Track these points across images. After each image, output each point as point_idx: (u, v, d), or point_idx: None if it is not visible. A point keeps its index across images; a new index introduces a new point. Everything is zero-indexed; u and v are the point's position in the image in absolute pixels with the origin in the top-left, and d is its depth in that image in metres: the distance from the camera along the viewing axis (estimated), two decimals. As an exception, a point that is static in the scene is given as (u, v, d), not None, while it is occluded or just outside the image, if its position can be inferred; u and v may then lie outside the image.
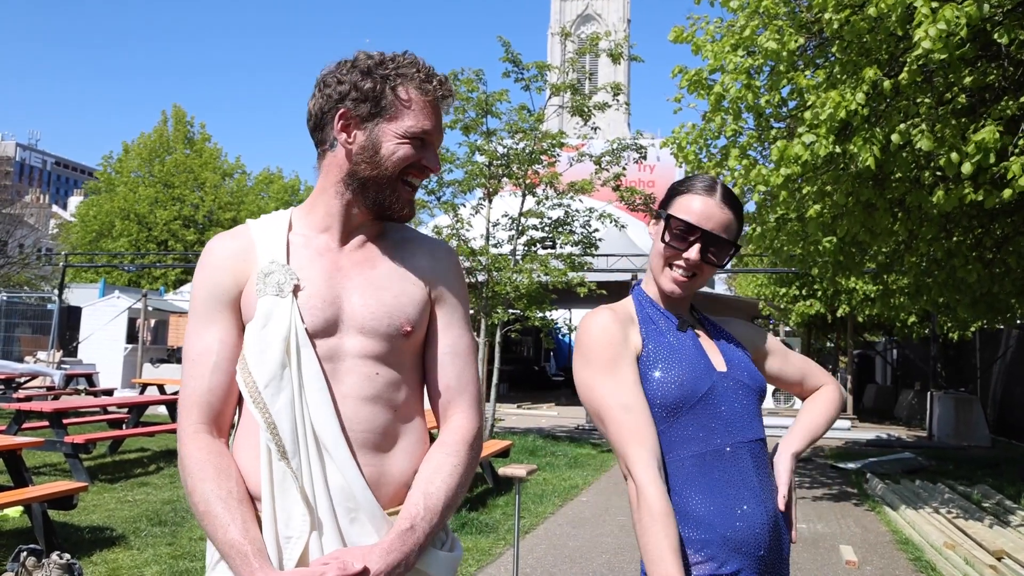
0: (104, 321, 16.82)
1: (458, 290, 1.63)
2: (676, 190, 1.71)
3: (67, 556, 4.61)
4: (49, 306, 19.45)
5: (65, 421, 8.10)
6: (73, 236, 32.56)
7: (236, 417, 1.51)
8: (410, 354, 1.53)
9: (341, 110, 1.48)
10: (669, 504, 1.47)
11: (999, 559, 5.69)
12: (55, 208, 68.98)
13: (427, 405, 1.61)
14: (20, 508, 5.66)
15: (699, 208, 1.63)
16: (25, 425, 8.37)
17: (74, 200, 61.34)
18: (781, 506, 1.62)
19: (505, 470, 3.32)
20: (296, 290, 1.43)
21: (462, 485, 1.46)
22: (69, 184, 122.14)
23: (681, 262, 1.64)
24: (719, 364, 1.68)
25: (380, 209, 1.52)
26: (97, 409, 10.77)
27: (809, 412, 1.82)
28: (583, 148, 12.29)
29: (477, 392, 1.61)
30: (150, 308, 17.98)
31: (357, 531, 1.38)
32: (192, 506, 1.38)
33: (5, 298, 21.39)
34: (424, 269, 1.57)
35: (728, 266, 18.23)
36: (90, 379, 14.17)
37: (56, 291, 19.46)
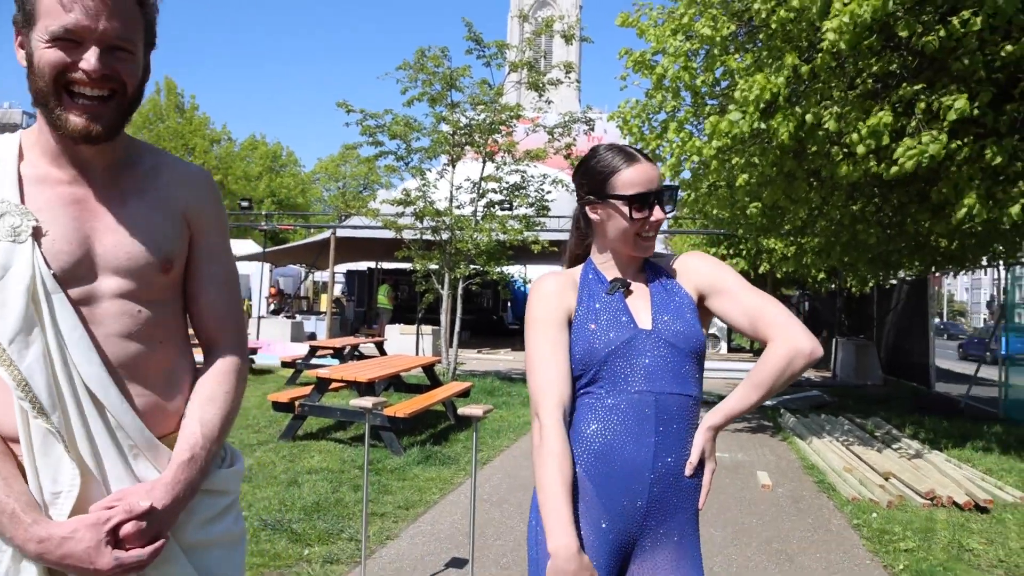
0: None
1: (217, 218, 1.41)
2: (605, 173, 1.64)
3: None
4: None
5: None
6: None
7: None
8: (170, 288, 1.34)
9: (14, 28, 1.20)
10: (567, 446, 1.51)
11: (887, 479, 5.92)
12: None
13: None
14: None
15: (641, 176, 1.61)
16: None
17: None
18: (687, 472, 1.56)
19: (464, 410, 3.33)
20: (37, 233, 1.17)
21: (234, 410, 1.36)
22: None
23: (648, 226, 1.63)
24: (644, 322, 1.63)
25: (57, 129, 1.20)
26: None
27: (744, 385, 1.60)
28: (538, 120, 12.17)
29: (241, 320, 1.45)
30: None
31: (142, 467, 1.24)
32: None
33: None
34: (180, 199, 1.34)
35: (665, 226, 18.33)
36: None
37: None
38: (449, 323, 12.36)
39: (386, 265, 23.18)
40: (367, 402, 3.43)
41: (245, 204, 18.16)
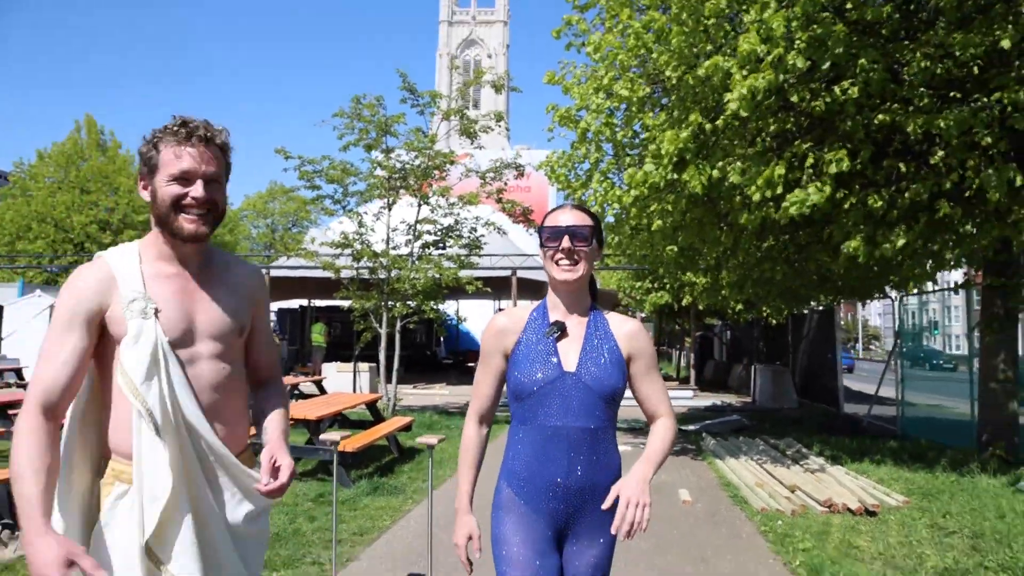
0: (27, 318, 16.07)
1: (266, 300, 2.03)
2: (544, 219, 2.13)
3: (41, 526, 4.78)
4: (-25, 305, 18.29)
5: (10, 412, 7.97)
6: (-12, 238, 30.38)
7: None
8: (240, 350, 1.91)
9: (138, 175, 1.83)
10: (476, 437, 2.19)
11: (792, 491, 6.66)
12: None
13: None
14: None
15: (558, 216, 2.08)
16: (-29, 417, 8.11)
17: (-17, 202, 56.54)
18: (604, 506, 1.91)
19: (421, 439, 3.85)
20: (157, 313, 1.72)
21: (288, 416, 2.00)
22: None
23: (560, 253, 2.03)
24: (570, 365, 2.03)
25: (174, 236, 1.78)
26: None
27: (661, 445, 2.06)
28: (469, 160, 12.84)
29: (279, 365, 2.09)
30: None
31: (220, 478, 1.80)
32: (11, 461, 1.59)
33: (-79, 297, 19.91)
34: (246, 287, 1.93)
35: (596, 264, 19.26)
36: (19, 373, 13.61)
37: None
38: (386, 360, 12.75)
39: (319, 303, 23.34)
40: (336, 435, 3.92)
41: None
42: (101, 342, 1.77)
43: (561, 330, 2.06)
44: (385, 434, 8.00)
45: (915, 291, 11.39)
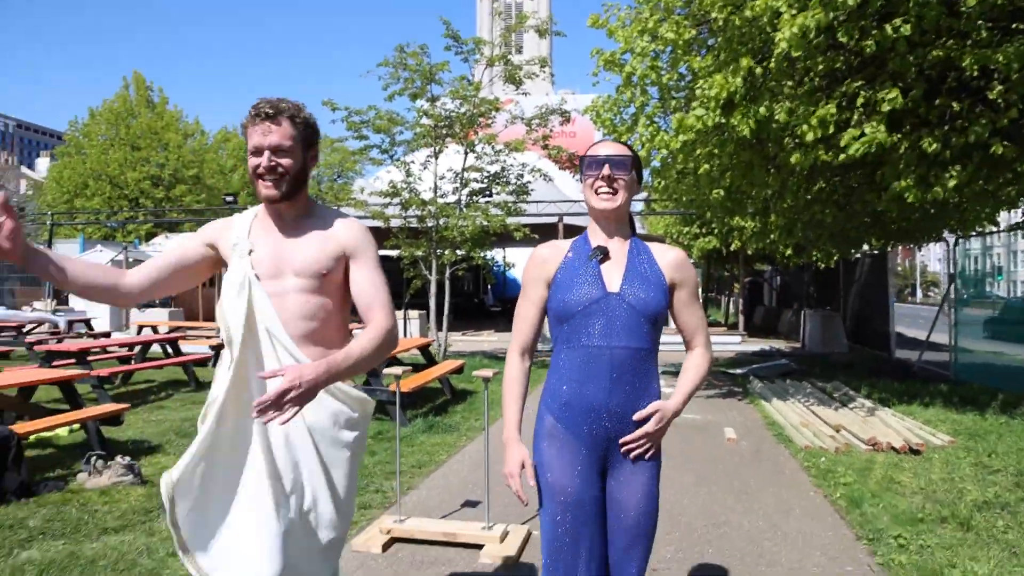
0: (91, 271, 16.86)
1: (364, 246, 2.20)
2: (585, 152, 2.18)
3: (128, 458, 5.26)
4: (42, 259, 19.13)
5: (88, 358, 8.54)
6: (49, 196, 31.59)
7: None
8: (331, 287, 2.15)
9: None
10: (520, 370, 2.17)
11: (837, 431, 6.82)
12: (23, 169, 65.80)
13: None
14: (68, 428, 6.25)
15: (598, 148, 2.14)
16: (53, 363, 8.61)
17: (41, 161, 58.63)
18: (636, 417, 2.05)
19: (477, 373, 4.15)
20: (251, 252, 2.13)
21: (374, 350, 2.06)
22: (34, 146, 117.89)
23: (600, 181, 2.08)
24: (613, 286, 2.07)
25: (259, 197, 2.18)
26: (98, 349, 11.12)
27: (695, 377, 2.19)
28: (514, 106, 12.93)
29: (386, 300, 2.17)
30: (130, 259, 18.10)
31: None
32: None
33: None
34: (336, 236, 2.17)
35: (640, 207, 19.16)
36: (88, 323, 14.38)
37: (46, 246, 19.23)
38: (436, 307, 13.13)
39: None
40: (398, 370, 4.24)
41: (230, 199, 18.78)
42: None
43: (604, 254, 2.11)
44: (438, 376, 8.37)
45: (973, 233, 11.18)
